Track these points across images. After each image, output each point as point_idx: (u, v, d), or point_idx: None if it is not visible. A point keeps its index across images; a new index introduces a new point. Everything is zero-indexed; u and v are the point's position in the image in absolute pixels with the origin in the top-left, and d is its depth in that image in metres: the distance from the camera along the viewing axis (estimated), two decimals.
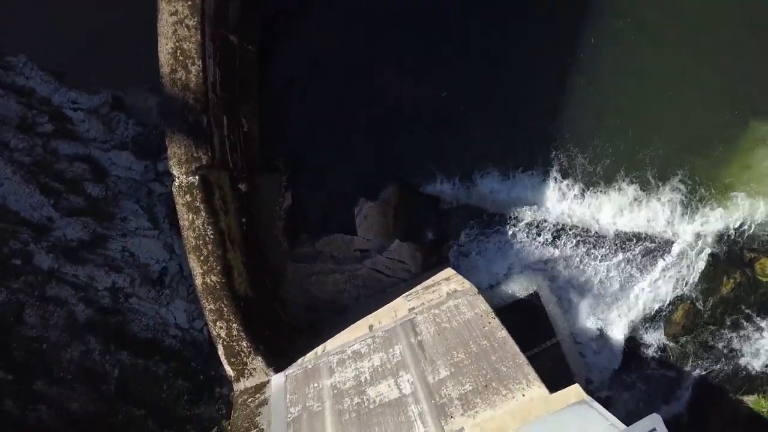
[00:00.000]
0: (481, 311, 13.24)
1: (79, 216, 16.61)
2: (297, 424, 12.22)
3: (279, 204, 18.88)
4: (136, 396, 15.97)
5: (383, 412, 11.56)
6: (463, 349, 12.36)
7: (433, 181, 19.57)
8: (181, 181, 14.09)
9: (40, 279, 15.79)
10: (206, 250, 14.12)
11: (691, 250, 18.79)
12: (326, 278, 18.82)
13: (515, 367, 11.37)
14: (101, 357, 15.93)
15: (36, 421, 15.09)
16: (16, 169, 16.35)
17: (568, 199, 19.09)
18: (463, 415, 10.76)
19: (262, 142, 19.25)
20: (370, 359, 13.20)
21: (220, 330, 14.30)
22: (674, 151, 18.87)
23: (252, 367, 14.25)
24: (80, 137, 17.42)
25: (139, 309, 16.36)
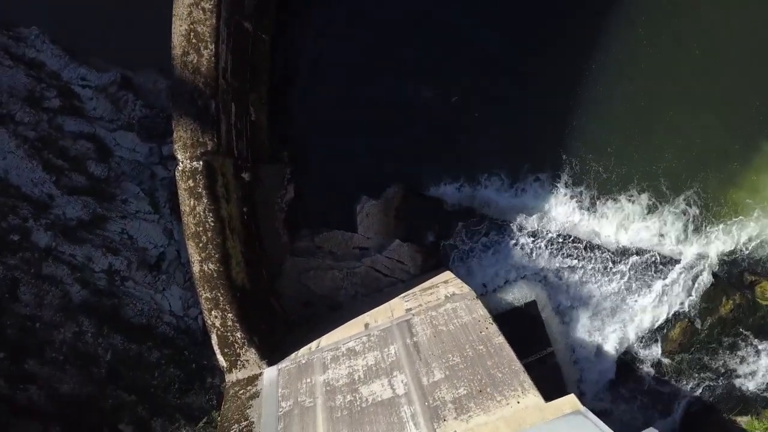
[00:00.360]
0: (479, 316, 13.11)
1: (80, 195, 16.48)
2: (288, 418, 12.09)
3: (281, 196, 18.77)
4: (127, 381, 15.83)
5: (375, 412, 11.43)
6: (459, 352, 12.24)
7: (437, 184, 19.46)
8: (184, 165, 13.96)
9: (36, 256, 15.65)
10: (205, 237, 13.99)
11: (692, 269, 18.70)
12: (324, 274, 18.69)
13: (511, 374, 11.24)
14: (94, 340, 15.79)
15: (26, 401, 14.95)
16: (20, 143, 16.21)
17: (571, 209, 18.99)
18: (457, 418, 10.63)
19: (268, 132, 19.11)
20: (365, 357, 13.07)
21: (215, 319, 14.16)
22: (681, 170, 18.78)
23: (245, 358, 14.12)
24: (87, 115, 17.30)
25: (135, 293, 16.22)
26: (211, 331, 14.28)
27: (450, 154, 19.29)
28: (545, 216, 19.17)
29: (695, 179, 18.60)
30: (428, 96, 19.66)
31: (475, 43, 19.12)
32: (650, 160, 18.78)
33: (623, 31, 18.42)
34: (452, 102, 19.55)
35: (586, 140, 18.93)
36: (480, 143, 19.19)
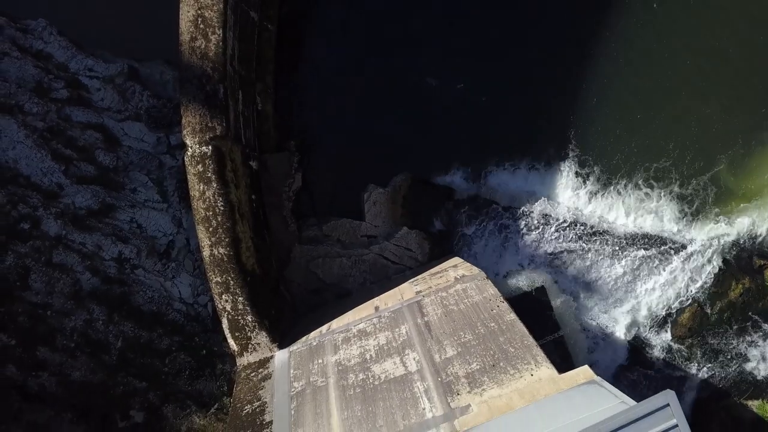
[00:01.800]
0: (490, 295, 13.11)
1: (89, 184, 16.52)
2: (300, 398, 12.09)
3: (288, 185, 18.80)
4: (137, 368, 15.83)
5: (388, 388, 11.44)
6: (470, 330, 12.23)
7: (444, 171, 19.48)
8: (193, 150, 14.01)
9: (47, 244, 15.70)
10: (215, 222, 14.02)
11: (701, 254, 18.66)
12: (333, 261, 18.70)
13: (523, 349, 11.24)
14: (105, 327, 15.82)
15: (38, 387, 14.97)
16: (29, 133, 16.28)
17: (580, 195, 18.99)
18: (470, 392, 10.63)
19: (275, 122, 19.15)
20: (376, 338, 13.08)
21: (225, 303, 14.19)
22: (690, 156, 18.78)
23: (256, 342, 14.14)
24: (94, 106, 17.36)
25: (145, 281, 16.26)
26: (221, 315, 14.30)
27: (457, 141, 19.31)
28: (553, 202, 19.17)
29: (704, 165, 18.60)
30: (434, 84, 19.68)
31: (480, 30, 19.15)
32: (658, 147, 18.79)
33: (632, 17, 18.44)
34: (458, 89, 19.54)
35: (593, 127, 18.96)
36: (487, 131, 19.22)
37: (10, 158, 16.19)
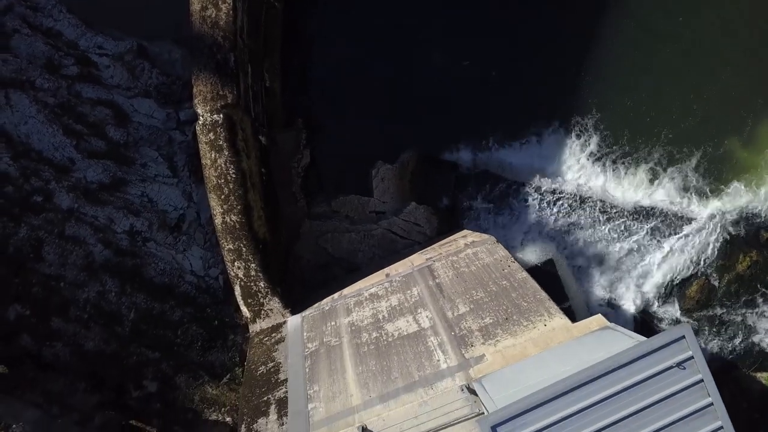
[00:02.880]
0: (500, 257, 13.21)
1: (100, 159, 16.65)
2: (315, 356, 12.20)
3: (297, 161, 18.91)
4: (150, 339, 15.94)
5: (402, 344, 11.53)
6: (482, 288, 12.33)
7: (451, 148, 19.56)
8: (205, 119, 14.14)
9: (59, 217, 15.84)
10: (227, 189, 14.14)
11: (708, 227, 18.71)
12: (342, 236, 18.79)
13: (536, 302, 11.33)
14: (117, 298, 15.94)
15: (52, 357, 15.10)
16: (40, 108, 16.43)
17: (587, 170, 19.06)
18: (484, 343, 10.73)
19: (282, 100, 19.27)
20: (388, 300, 13.18)
21: (237, 270, 14.30)
22: (696, 130, 18.83)
23: (269, 308, 14.24)
24: (104, 83, 17.50)
25: (156, 253, 16.37)
26: (234, 282, 14.41)
27: (464, 118, 19.38)
28: (560, 177, 19.25)
29: (711, 140, 18.65)
30: (439, 61, 19.77)
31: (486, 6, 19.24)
32: (665, 122, 18.84)
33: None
34: (464, 65, 19.64)
35: (600, 103, 19.03)
36: (493, 107, 19.29)
37: (22, 133, 16.33)
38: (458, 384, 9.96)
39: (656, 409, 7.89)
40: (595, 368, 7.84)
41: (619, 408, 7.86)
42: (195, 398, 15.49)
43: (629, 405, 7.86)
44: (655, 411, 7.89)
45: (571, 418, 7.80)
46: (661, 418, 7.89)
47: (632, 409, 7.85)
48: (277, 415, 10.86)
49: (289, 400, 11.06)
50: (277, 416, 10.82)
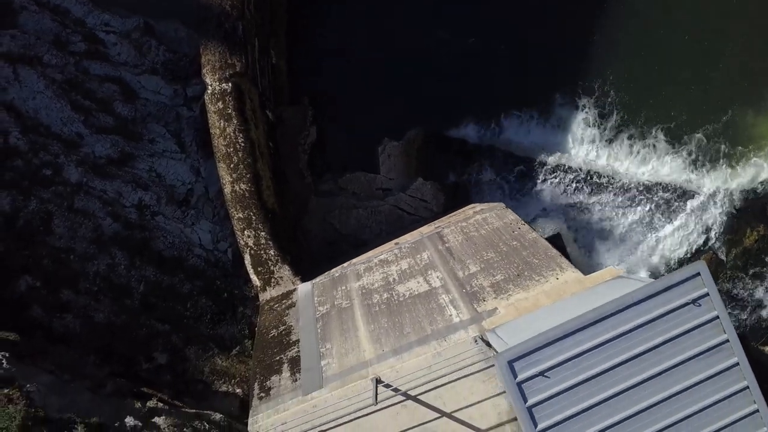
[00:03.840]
0: (510, 220, 13.22)
1: (108, 134, 16.68)
2: (326, 318, 12.21)
3: (304, 137, 18.95)
4: (160, 312, 15.96)
5: (414, 302, 11.55)
6: (492, 249, 12.34)
7: (458, 125, 19.58)
8: (213, 88, 14.18)
9: (68, 190, 15.88)
10: (236, 158, 14.18)
11: (714, 202, 18.71)
12: (349, 212, 18.82)
13: (547, 259, 11.34)
14: (127, 271, 15.96)
15: (63, 328, 15.11)
16: (48, 83, 16.48)
17: (594, 146, 19.09)
18: (496, 298, 10.74)
19: (288, 77, 19.32)
20: (398, 264, 13.19)
21: (247, 239, 14.33)
22: (703, 105, 18.83)
23: (279, 275, 14.26)
24: (111, 60, 17.56)
25: (165, 227, 16.41)
26: (244, 251, 14.44)
27: (470, 95, 19.41)
28: (567, 153, 19.28)
29: (717, 115, 18.65)
30: (445, 38, 19.81)
31: None
32: (672, 97, 18.84)
33: None
34: (469, 43, 19.67)
35: (607, 80, 19.05)
36: (500, 84, 19.32)
37: (30, 108, 16.38)
38: (471, 336, 9.96)
39: (672, 346, 7.90)
40: (611, 305, 7.85)
41: (635, 345, 7.87)
42: (205, 370, 15.50)
43: (645, 341, 7.87)
44: (671, 348, 7.89)
45: (586, 354, 7.81)
46: (677, 355, 7.90)
47: (648, 345, 7.86)
48: (290, 372, 10.88)
49: (301, 358, 11.08)
50: (290, 373, 10.84)
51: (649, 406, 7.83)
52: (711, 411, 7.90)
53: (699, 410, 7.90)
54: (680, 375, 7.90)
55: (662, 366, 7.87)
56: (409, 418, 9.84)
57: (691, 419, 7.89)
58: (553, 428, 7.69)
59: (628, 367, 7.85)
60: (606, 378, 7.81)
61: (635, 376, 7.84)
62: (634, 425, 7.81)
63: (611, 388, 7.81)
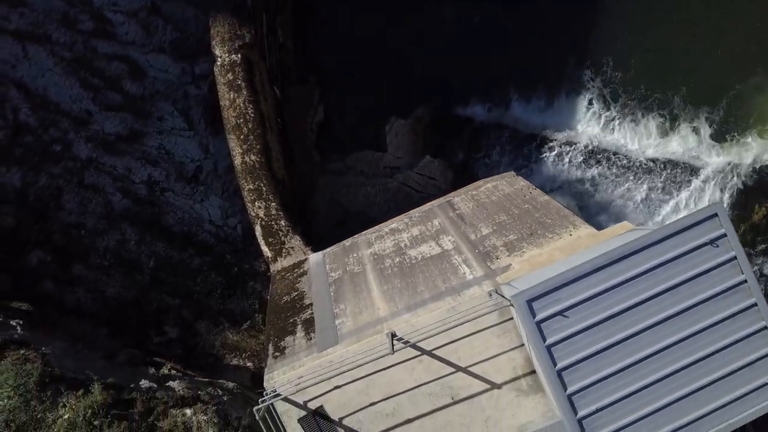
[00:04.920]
0: (521, 186, 13.24)
1: (117, 112, 16.73)
2: (338, 283, 12.23)
3: (311, 116, 18.97)
4: (170, 287, 15.99)
5: (426, 264, 11.57)
6: (504, 213, 12.36)
7: (465, 103, 19.61)
8: (223, 60, 14.22)
9: (78, 166, 15.95)
10: (246, 129, 14.21)
11: (722, 178, 18.68)
12: (357, 190, 18.84)
13: (560, 218, 11.35)
14: (137, 247, 16.01)
15: (74, 302, 15.16)
16: (57, 61, 16.53)
17: (601, 123, 19.10)
18: (509, 256, 10.76)
19: (295, 57, 19.36)
20: (409, 232, 13.21)
21: (258, 210, 14.35)
22: (712, 82, 18.78)
23: (290, 245, 14.28)
24: (119, 39, 17.59)
25: (175, 203, 16.46)
26: (255, 223, 14.47)
27: (476, 73, 19.43)
28: (574, 129, 19.29)
29: (725, 91, 18.60)
30: (450, 17, 19.83)
31: None
32: (679, 72, 18.82)
33: None
34: (475, 22, 19.69)
35: (615, 55, 19.04)
36: (506, 62, 19.33)
37: (39, 85, 16.45)
38: (486, 290, 9.97)
39: (689, 287, 7.90)
40: (629, 245, 7.86)
41: (653, 285, 7.87)
42: (216, 344, 15.53)
43: (662, 282, 7.87)
44: (689, 288, 7.90)
45: (605, 294, 7.82)
46: (695, 296, 7.90)
47: (665, 286, 7.86)
48: (304, 332, 10.90)
49: (315, 319, 11.10)
50: (304, 333, 10.86)
51: (667, 347, 7.83)
52: (729, 351, 7.91)
53: (717, 350, 7.90)
54: (698, 315, 7.90)
55: (680, 306, 7.86)
56: (424, 372, 9.85)
57: (708, 359, 7.90)
58: (571, 367, 7.69)
59: (646, 307, 7.85)
60: (624, 318, 7.82)
61: (653, 317, 7.84)
62: (653, 365, 7.82)
63: (629, 329, 7.81)
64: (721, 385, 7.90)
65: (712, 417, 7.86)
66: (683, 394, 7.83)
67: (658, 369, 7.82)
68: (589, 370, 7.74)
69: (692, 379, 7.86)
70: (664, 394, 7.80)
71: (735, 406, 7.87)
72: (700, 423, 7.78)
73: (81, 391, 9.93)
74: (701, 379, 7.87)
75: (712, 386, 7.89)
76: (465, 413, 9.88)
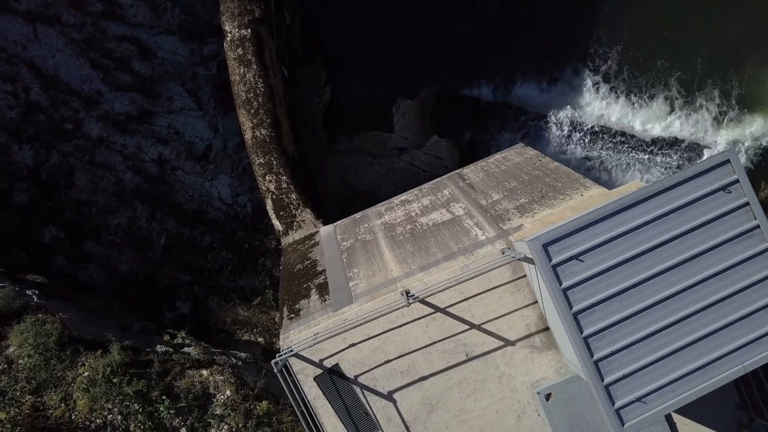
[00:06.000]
0: (530, 155, 13.33)
1: (127, 91, 16.85)
2: (351, 251, 12.33)
3: (319, 97, 19.07)
4: (181, 263, 16.11)
5: (438, 229, 11.66)
6: (514, 180, 12.45)
7: (471, 83, 19.68)
8: (233, 35, 14.33)
9: (89, 144, 16.06)
10: (256, 103, 14.32)
11: None
12: (365, 170, 18.93)
13: (571, 181, 11.44)
14: (148, 224, 16.13)
15: (87, 278, 15.28)
16: (67, 42, 16.67)
17: (608, 103, 19.16)
18: (521, 217, 10.85)
19: (302, 38, 19.46)
20: (419, 202, 13.30)
21: (269, 184, 14.46)
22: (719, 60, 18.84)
23: (301, 219, 14.38)
24: (128, 21, 17.72)
25: (185, 181, 16.58)
26: (265, 196, 14.57)
27: (483, 54, 19.50)
28: (581, 109, 19.35)
29: (732, 70, 18.65)
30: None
31: None
32: (686, 53, 18.85)
33: None
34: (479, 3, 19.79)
35: (621, 36, 19.09)
36: (512, 42, 19.40)
37: (50, 66, 16.58)
38: (498, 249, 10.06)
39: (703, 232, 7.98)
40: (642, 191, 7.95)
41: (666, 230, 7.95)
42: (227, 320, 15.64)
43: (676, 227, 7.95)
44: (702, 233, 7.98)
45: (618, 239, 7.90)
46: (708, 240, 7.98)
47: (679, 230, 7.94)
48: (318, 295, 11.00)
49: (329, 283, 11.20)
50: (318, 296, 10.96)
51: (681, 290, 7.91)
52: (742, 295, 7.98)
53: (730, 294, 7.97)
54: (711, 260, 7.98)
55: (693, 251, 7.94)
56: (438, 330, 9.95)
57: (722, 303, 7.97)
58: (587, 310, 7.78)
59: (660, 252, 7.93)
60: (638, 262, 7.90)
61: (667, 261, 7.92)
62: (668, 308, 7.90)
63: (644, 273, 7.89)
64: (735, 328, 7.97)
65: (727, 359, 7.94)
66: (698, 337, 7.90)
67: (673, 312, 7.90)
68: (605, 313, 7.82)
69: (707, 323, 7.94)
70: (679, 337, 7.88)
71: (750, 348, 7.94)
72: (715, 365, 7.86)
73: (99, 352, 10.01)
74: (716, 322, 7.95)
75: (726, 329, 7.96)
76: (479, 370, 9.97)
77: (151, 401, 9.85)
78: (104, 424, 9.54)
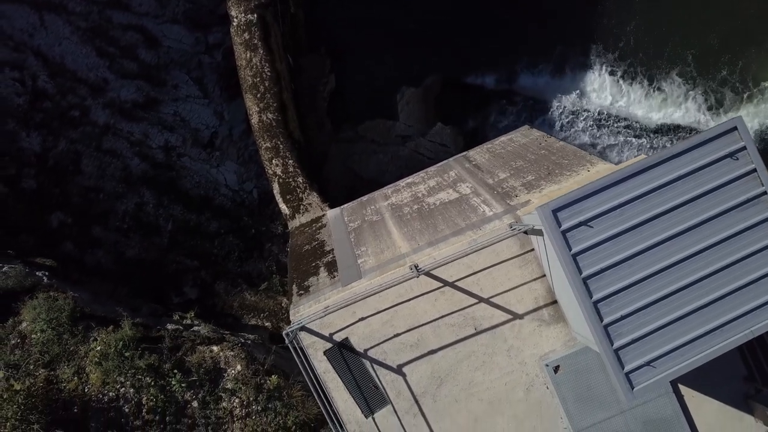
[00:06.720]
0: (536, 136, 13.40)
1: (133, 79, 16.95)
2: (358, 231, 12.41)
3: (323, 85, 19.15)
4: (188, 249, 16.20)
5: (445, 207, 11.74)
6: (521, 159, 12.53)
7: (475, 71, 19.75)
8: (239, 20, 14.42)
9: (96, 131, 16.16)
10: (263, 87, 14.41)
11: None
12: (369, 157, 19.00)
13: (577, 158, 11.52)
14: (155, 210, 16.22)
15: (95, 263, 15.37)
16: (74, 30, 16.76)
17: (611, 90, 19.24)
18: (528, 193, 10.93)
19: (306, 27, 19.54)
20: (426, 184, 13.38)
21: (275, 168, 14.55)
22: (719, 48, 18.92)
23: (307, 202, 14.47)
24: (133, 10, 17.82)
25: (191, 167, 16.67)
26: (272, 181, 14.66)
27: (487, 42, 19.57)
28: (584, 97, 19.43)
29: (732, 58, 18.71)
30: None
31: None
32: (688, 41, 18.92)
33: None
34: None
35: (623, 24, 19.16)
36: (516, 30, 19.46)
37: (57, 54, 16.69)
38: (506, 224, 10.14)
39: (710, 198, 8.06)
40: (650, 158, 8.03)
41: (675, 196, 8.03)
42: (234, 305, 15.72)
43: (684, 193, 8.03)
44: (710, 200, 8.05)
45: (627, 205, 7.98)
46: (716, 207, 8.06)
47: (687, 197, 8.02)
48: (327, 272, 11.09)
49: (338, 260, 11.28)
50: (327, 273, 11.04)
51: (689, 256, 7.99)
52: (750, 260, 8.06)
53: (736, 261, 8.05)
54: (718, 226, 8.06)
55: (701, 217, 8.02)
56: (447, 304, 10.02)
57: (730, 269, 8.05)
58: (596, 275, 7.86)
59: (668, 218, 8.01)
60: (646, 228, 7.98)
61: (675, 227, 7.99)
62: (676, 274, 7.98)
63: (652, 239, 7.97)
64: (742, 294, 8.04)
65: (734, 324, 8.01)
66: (706, 303, 7.98)
67: (681, 278, 7.97)
68: (614, 279, 7.90)
69: (715, 288, 8.01)
70: (687, 302, 7.96)
71: (756, 314, 8.01)
72: (723, 330, 7.93)
73: (111, 327, 10.10)
74: (723, 288, 8.02)
75: (733, 295, 8.04)
76: (488, 343, 10.04)
77: (162, 375, 9.94)
78: (117, 396, 9.63)
